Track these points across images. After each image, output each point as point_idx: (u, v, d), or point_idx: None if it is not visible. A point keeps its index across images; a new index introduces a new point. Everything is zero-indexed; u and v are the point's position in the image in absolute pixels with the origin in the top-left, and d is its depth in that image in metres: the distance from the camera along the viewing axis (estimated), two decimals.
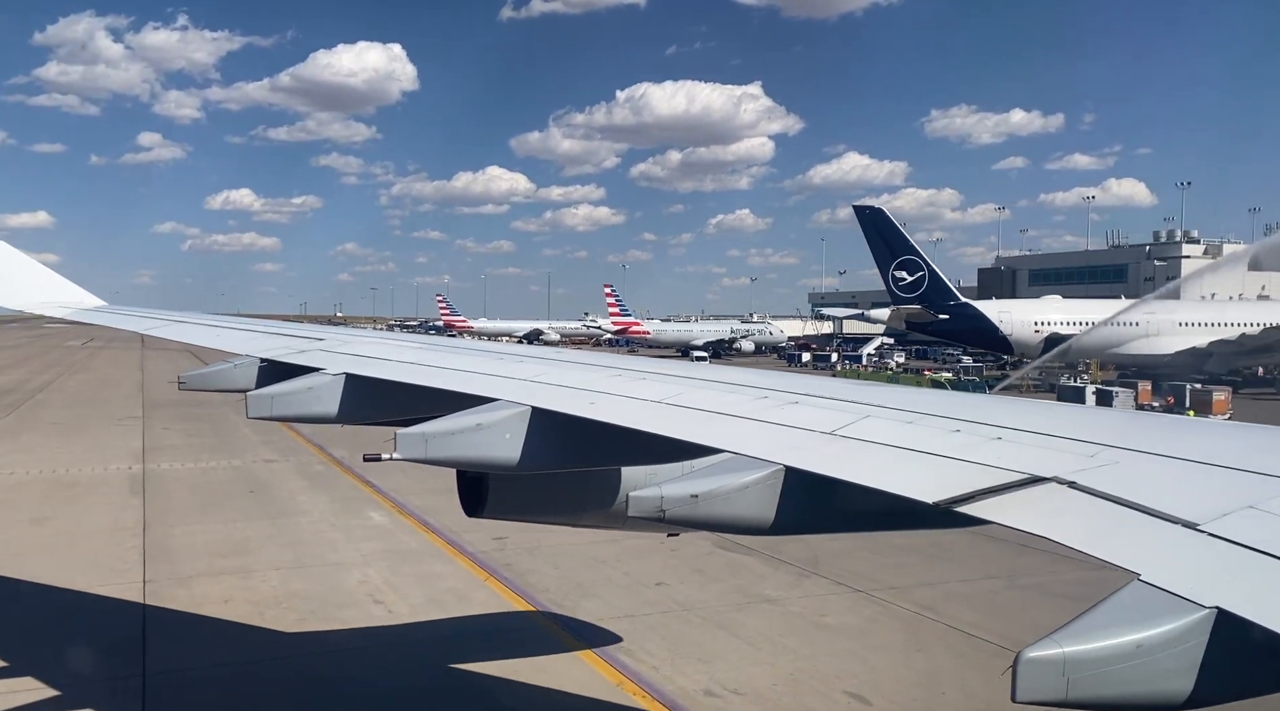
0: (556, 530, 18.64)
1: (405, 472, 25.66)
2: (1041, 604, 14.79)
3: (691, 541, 17.85)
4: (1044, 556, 17.34)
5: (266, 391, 5.63)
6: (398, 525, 19.54)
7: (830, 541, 18.11)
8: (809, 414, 4.16)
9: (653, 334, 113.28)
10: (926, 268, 62.32)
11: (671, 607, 14.36)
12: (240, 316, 11.81)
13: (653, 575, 15.92)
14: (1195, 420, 5.01)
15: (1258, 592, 2.37)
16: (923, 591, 15.36)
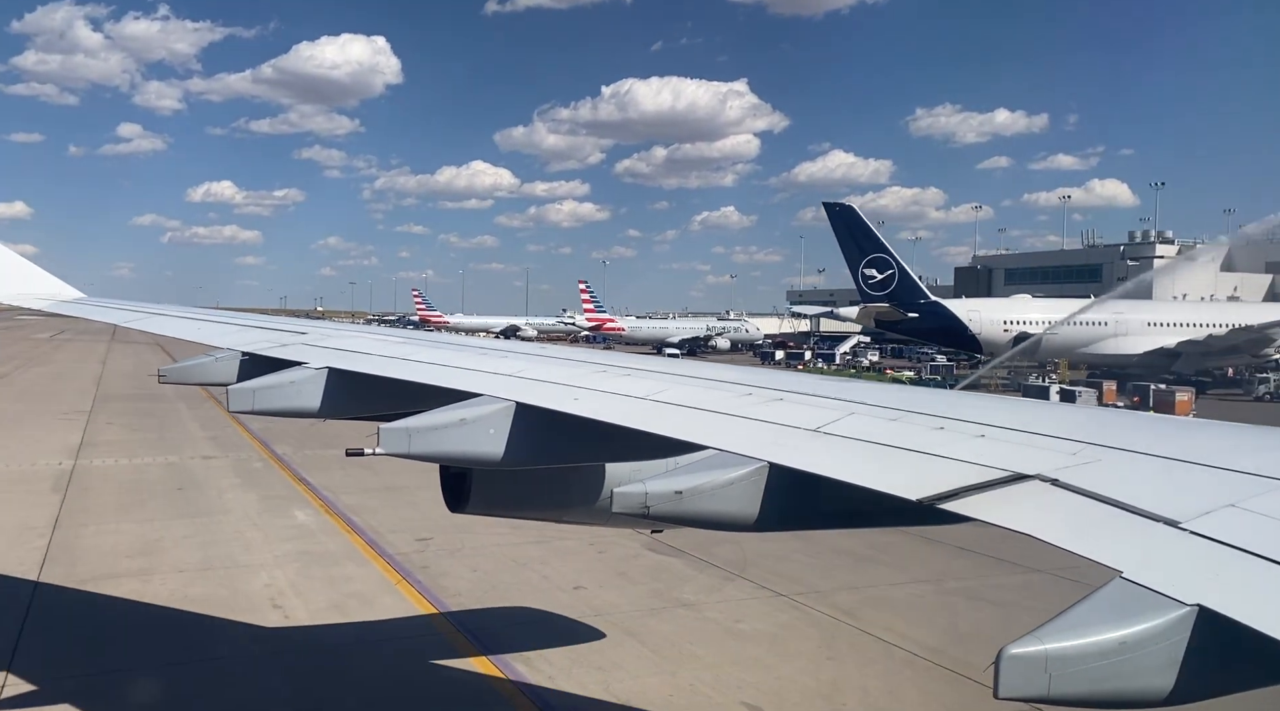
0: (485, 531, 18.28)
1: (344, 469, 25.09)
2: (965, 609, 14.51)
3: (620, 543, 17.52)
4: (978, 559, 17.06)
5: (248, 385, 5.55)
6: (321, 525, 18.94)
7: (764, 542, 17.80)
8: (793, 411, 4.17)
9: (627, 331, 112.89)
10: (896, 266, 62.18)
11: (584, 612, 13.93)
12: (220, 310, 11.66)
13: (572, 578, 15.49)
14: (1178, 419, 4.92)
15: (1238, 590, 2.38)
16: (847, 595, 15.02)
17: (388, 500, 21.28)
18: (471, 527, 18.64)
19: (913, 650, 12.51)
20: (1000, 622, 13.81)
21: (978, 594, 15.18)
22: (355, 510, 20.14)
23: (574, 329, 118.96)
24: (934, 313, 62.74)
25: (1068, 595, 12.82)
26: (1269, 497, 2.81)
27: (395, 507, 20.51)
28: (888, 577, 16.02)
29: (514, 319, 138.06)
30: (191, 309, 9.88)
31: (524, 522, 18.94)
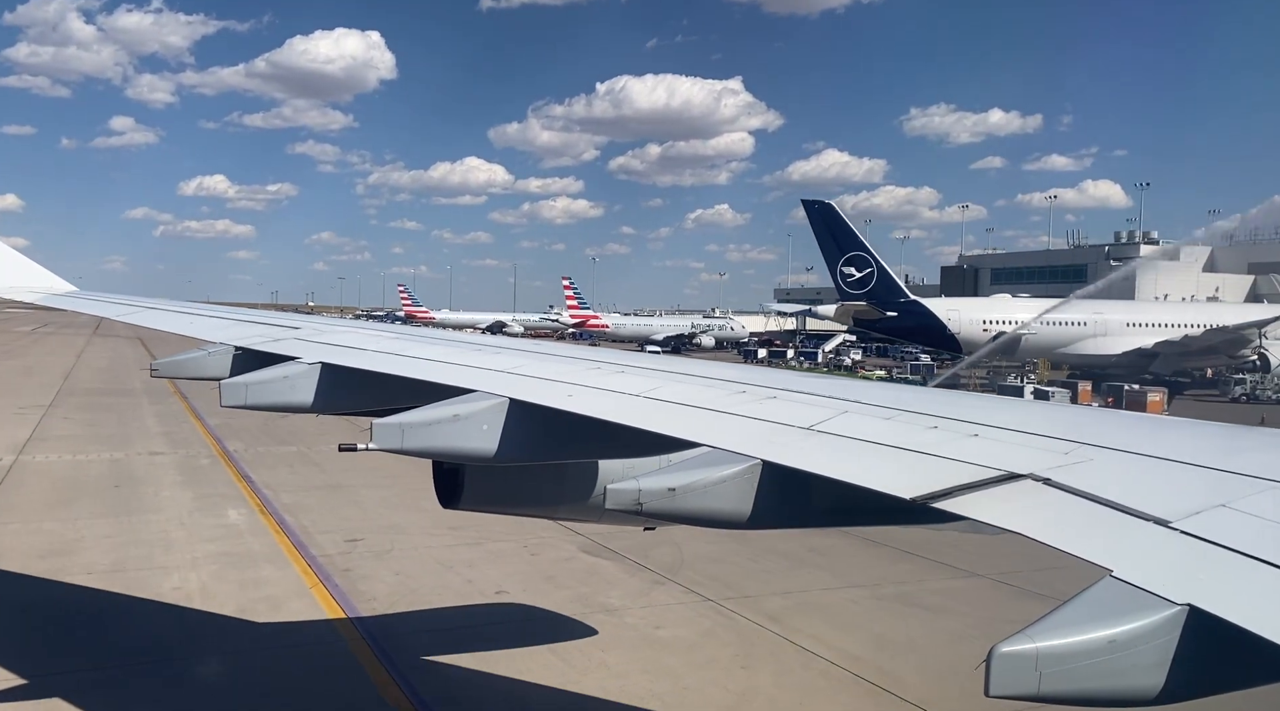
0: (419, 532, 17.83)
1: (291, 467, 24.67)
2: (895, 615, 14.09)
3: (554, 545, 17.09)
4: (920, 563, 16.68)
5: (241, 379, 5.51)
6: (252, 525, 18.20)
7: (704, 543, 17.38)
8: (787, 409, 4.15)
9: (611, 327, 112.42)
10: (875, 264, 61.65)
11: (500, 618, 13.49)
12: (211, 304, 11.45)
13: (497, 582, 14.92)
14: (1170, 419, 5.16)
15: (1228, 590, 2.38)
16: (777, 601, 14.54)
17: (328, 499, 20.81)
18: (406, 528, 18.23)
19: (833, 659, 12.08)
20: (928, 630, 13.42)
21: (912, 599, 14.78)
22: (291, 509, 19.54)
23: (558, 325, 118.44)
24: (912, 312, 62.19)
25: (1003, 601, 12.51)
26: (1259, 498, 2.81)
27: (334, 507, 20.02)
28: (823, 582, 15.59)
29: (500, 315, 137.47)
30: (184, 303, 9.75)
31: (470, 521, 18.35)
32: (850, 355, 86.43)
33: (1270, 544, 2.53)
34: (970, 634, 13.20)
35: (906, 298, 63.84)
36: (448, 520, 19.00)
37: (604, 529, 18.17)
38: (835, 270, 61.54)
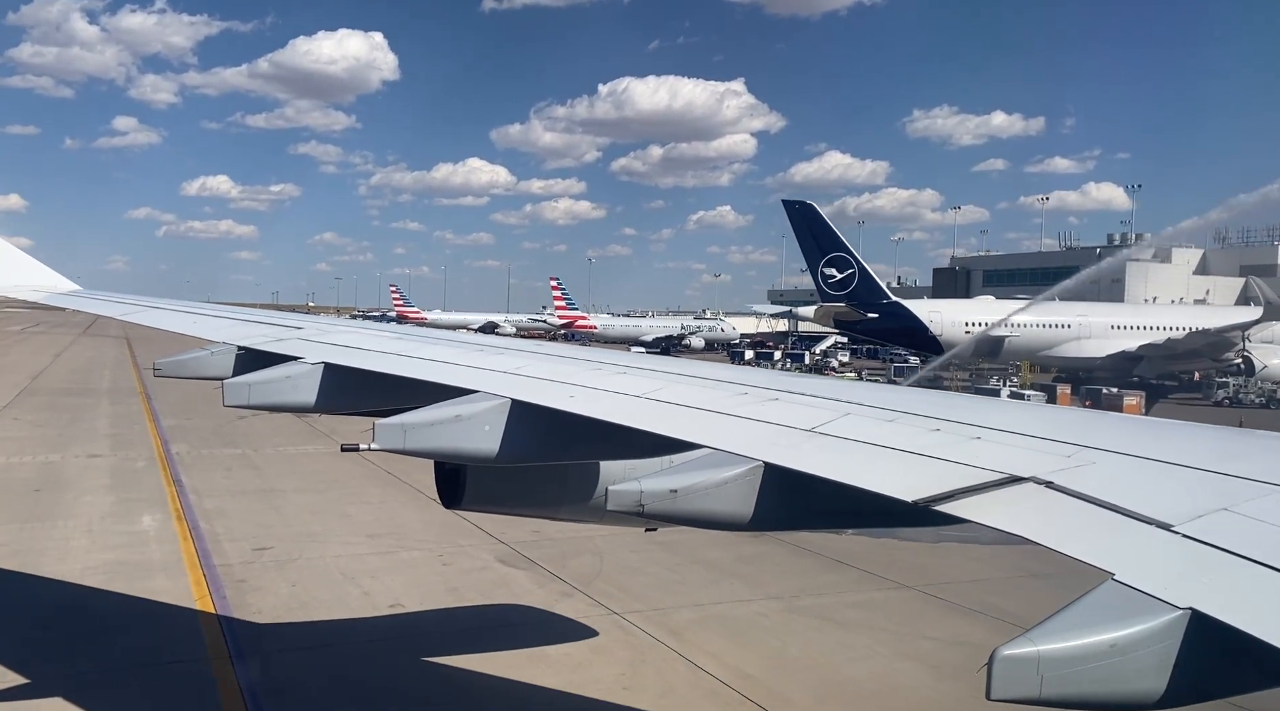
0: (333, 540, 17.22)
1: (228, 470, 24.11)
2: (803, 631, 13.39)
3: (471, 555, 16.50)
4: (850, 574, 16.03)
5: (244, 379, 5.49)
6: (162, 532, 17.27)
7: (629, 553, 16.78)
8: (789, 411, 4.12)
9: (600, 328, 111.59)
10: (856, 265, 60.85)
11: (387, 635, 12.82)
12: (211, 304, 11.32)
13: (397, 594, 14.16)
14: (1172, 422, 4.40)
15: (1230, 594, 2.36)
16: (685, 613, 13.84)
17: (254, 504, 20.18)
18: (322, 536, 17.63)
19: (724, 678, 11.40)
20: (833, 646, 12.76)
21: (828, 612, 14.10)
22: (211, 515, 18.78)
23: (547, 326, 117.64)
24: (894, 313, 61.24)
25: (925, 615, 11.60)
26: (1261, 502, 2.77)
27: (257, 513, 19.37)
28: (739, 594, 14.89)
29: (493, 315, 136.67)
30: (187, 302, 9.67)
31: None
32: (838, 357, 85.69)
33: (1272, 548, 2.50)
34: (877, 651, 12.58)
35: (888, 299, 63.05)
36: (368, 528, 18.41)
37: (526, 537, 17.58)
38: (816, 271, 60.76)
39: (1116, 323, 62.84)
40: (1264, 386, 54.57)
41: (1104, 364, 61.11)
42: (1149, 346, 59.03)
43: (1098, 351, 61.03)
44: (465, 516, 19.04)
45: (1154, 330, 60.39)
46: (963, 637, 13.17)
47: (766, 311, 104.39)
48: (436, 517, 19.44)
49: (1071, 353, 61.96)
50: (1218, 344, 56.60)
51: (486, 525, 18.40)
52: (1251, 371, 55.96)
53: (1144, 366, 60.16)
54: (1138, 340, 60.24)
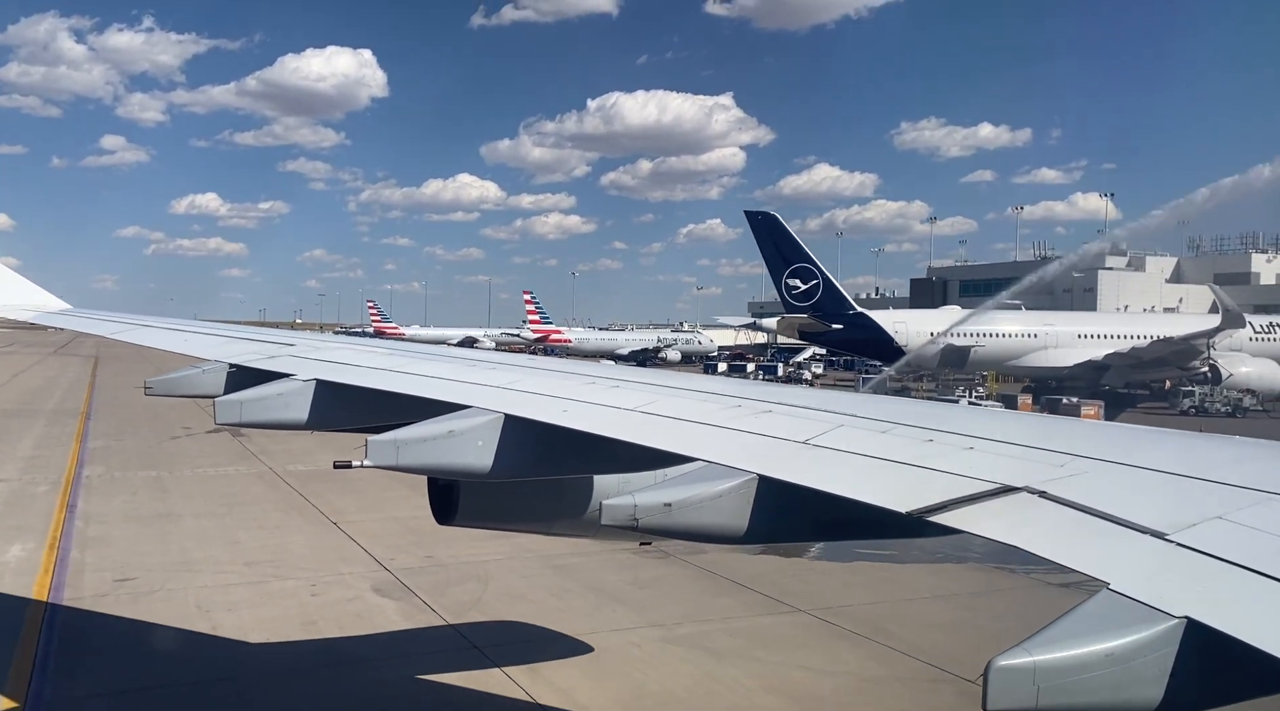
0: (207, 569, 16.35)
1: (134, 494, 23.26)
2: (673, 660, 12.54)
3: (347, 584, 15.70)
4: (748, 597, 15.19)
5: (236, 397, 5.46)
6: (25, 564, 16.06)
7: (516, 578, 15.99)
8: (782, 423, 4.09)
9: (575, 342, 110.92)
10: (821, 276, 60.03)
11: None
12: (199, 321, 11.16)
13: (248, 628, 13.14)
14: (1165, 431, 4.03)
15: (1226, 603, 2.35)
16: (553, 644, 13.10)
17: (142, 530, 19.22)
18: (198, 565, 16.75)
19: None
20: (698, 680, 11.94)
21: (704, 641, 13.25)
22: (89, 543, 17.70)
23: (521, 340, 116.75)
24: (859, 325, 60.05)
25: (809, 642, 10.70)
26: (1256, 510, 2.77)
27: (140, 539, 18.37)
28: (620, 621, 14.00)
29: (472, 330, 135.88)
30: (178, 320, 9.55)
31: None
32: (811, 369, 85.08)
33: (1267, 555, 2.49)
34: (743, 684, 11.79)
35: (853, 310, 62.47)
36: (252, 555, 17.54)
37: (415, 563, 16.77)
38: (780, 282, 60.02)
39: (1083, 331, 62.31)
40: (1229, 395, 54.15)
41: (1072, 373, 60.63)
42: (1115, 355, 58.50)
43: (1065, 360, 60.49)
44: (357, 542, 18.28)
45: (1120, 339, 59.91)
46: (839, 666, 12.44)
47: (733, 323, 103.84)
48: (329, 543, 18.70)
49: (1039, 362, 61.40)
50: (1183, 352, 56.11)
51: (378, 551, 17.64)
52: (1218, 379, 55.49)
53: (1111, 375, 59.62)
54: (1104, 349, 59.69)
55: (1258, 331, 62.35)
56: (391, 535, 18.97)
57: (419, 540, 18.59)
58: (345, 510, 21.39)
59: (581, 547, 17.70)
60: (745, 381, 6.47)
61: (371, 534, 19.06)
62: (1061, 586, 16.14)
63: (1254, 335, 61.63)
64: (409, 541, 18.42)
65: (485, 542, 17.74)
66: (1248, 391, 54.35)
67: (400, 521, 20.32)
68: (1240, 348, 59.34)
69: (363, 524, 20.02)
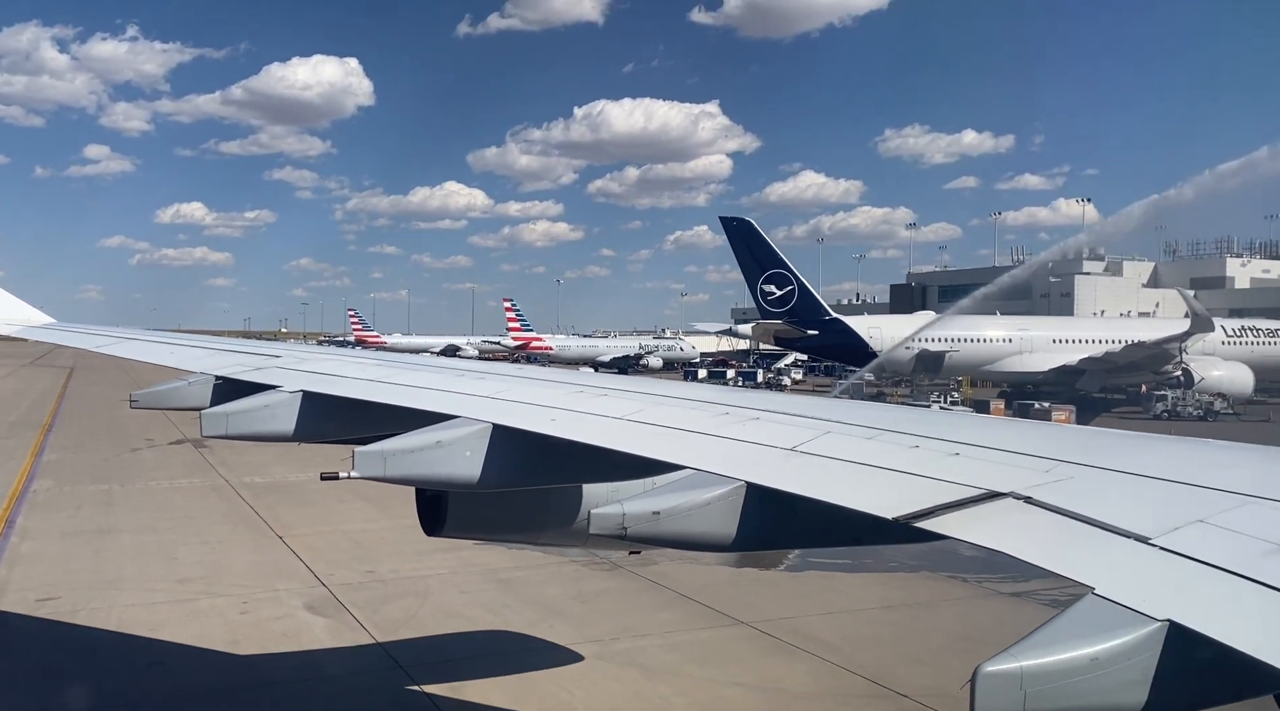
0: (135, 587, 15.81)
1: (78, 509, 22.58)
2: (603, 677, 12.03)
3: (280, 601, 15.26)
4: (687, 610, 14.77)
5: (222, 409, 5.43)
6: None
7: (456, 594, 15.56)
8: (770, 430, 4.08)
9: (556, 350, 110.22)
10: (796, 282, 59.76)
11: None
12: (183, 333, 11.06)
13: (161, 651, 12.76)
14: (1148, 435, 4.12)
15: (1208, 606, 2.37)
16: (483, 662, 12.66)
17: (79, 546, 18.65)
18: (126, 582, 16.23)
19: None
20: (626, 699, 11.50)
21: (639, 657, 12.78)
22: (19, 560, 17.08)
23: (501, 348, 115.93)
24: (835, 330, 59.88)
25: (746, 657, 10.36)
26: (1236, 513, 2.79)
27: (73, 556, 17.75)
28: (557, 636, 13.43)
29: (455, 338, 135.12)
30: (163, 333, 9.45)
31: None
32: (791, 375, 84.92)
33: (1247, 559, 2.51)
34: (671, 702, 11.41)
35: (829, 316, 62.27)
36: (187, 571, 16.96)
37: (355, 578, 16.33)
38: (755, 288, 59.65)
39: (1058, 336, 62.31)
40: (1201, 398, 54.14)
41: (1046, 378, 60.57)
42: (1089, 360, 58.47)
43: (1040, 365, 60.41)
44: (300, 556, 17.81)
45: (1095, 343, 59.88)
46: (774, 682, 12.08)
47: (709, 330, 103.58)
48: (271, 558, 18.22)
49: (1014, 367, 61.32)
50: (1156, 356, 56.14)
51: (319, 566, 17.19)
52: (1190, 383, 55.53)
53: (1086, 380, 59.59)
54: (1079, 354, 59.68)
55: (1230, 335, 62.57)
56: (336, 549, 18.54)
57: (363, 554, 18.18)
58: (294, 524, 20.93)
59: (528, 561, 17.36)
60: (731, 388, 6.44)
61: (316, 548, 18.59)
62: (1012, 596, 15.88)
63: (1226, 339, 61.85)
64: (353, 555, 18.02)
65: (430, 556, 17.34)
66: (1219, 395, 54.37)
67: (348, 535, 19.92)
68: (1213, 352, 59.49)
69: (309, 538, 19.54)
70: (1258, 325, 65.91)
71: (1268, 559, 2.51)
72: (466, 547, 18.33)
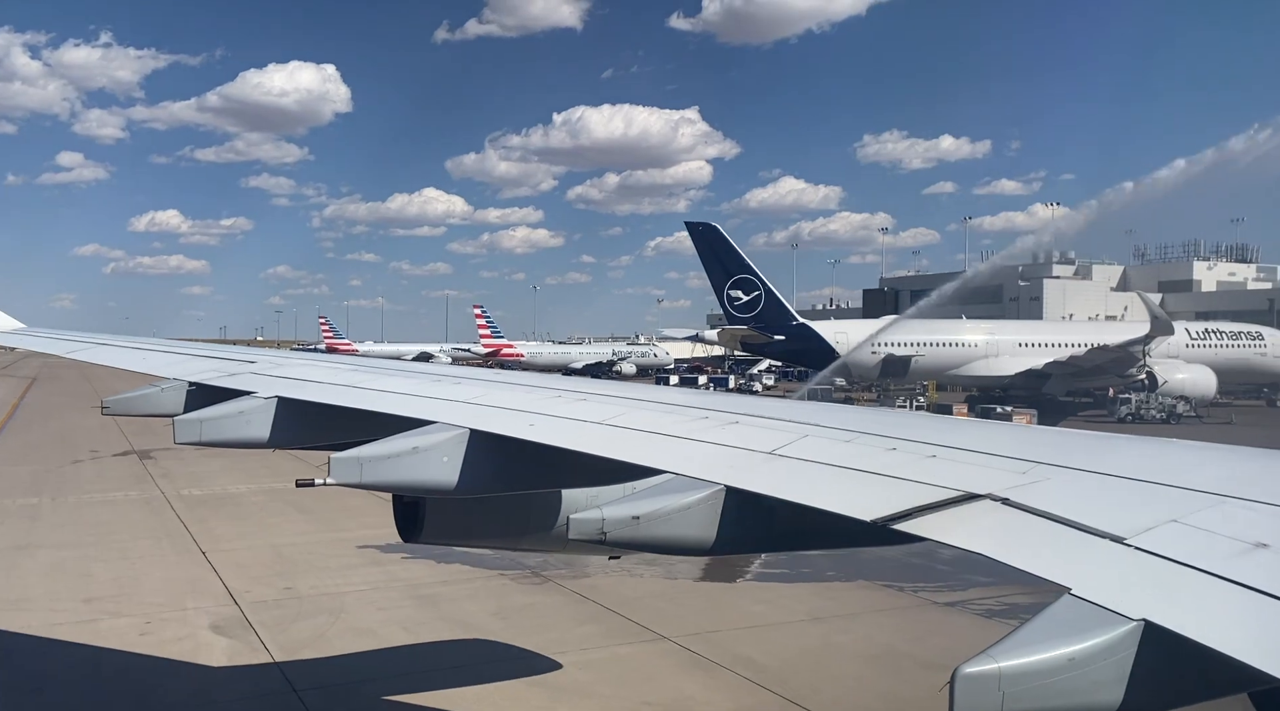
0: (32, 609, 15.23)
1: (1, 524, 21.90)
2: (505, 698, 11.73)
3: (184, 620, 14.68)
4: (609, 624, 14.38)
5: (195, 416, 5.37)
6: None
7: (372, 612, 15.08)
8: (749, 433, 4.11)
9: (527, 356, 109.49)
10: (763, 287, 59.34)
11: None
12: (158, 339, 10.61)
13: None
14: (1123, 436, 4.15)
15: (1182, 605, 2.39)
16: (383, 684, 12.15)
17: None
18: (28, 603, 15.42)
19: None
20: None
21: (545, 677, 12.42)
22: None
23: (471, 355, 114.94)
24: (801, 335, 59.76)
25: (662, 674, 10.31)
26: (1210, 513, 2.81)
27: None
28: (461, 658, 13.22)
29: (427, 346, 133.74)
30: (135, 339, 9.32)
31: None
32: (763, 381, 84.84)
33: (1220, 557, 2.54)
34: None
35: (796, 321, 62.05)
36: (98, 590, 16.23)
37: (272, 595, 15.78)
38: (722, 293, 59.39)
39: (1024, 340, 62.46)
40: (1164, 401, 54.29)
41: (1013, 381, 60.64)
42: (1054, 364, 58.62)
43: (1006, 369, 60.49)
44: (219, 572, 17.21)
45: (1060, 347, 60.05)
46: (685, 700, 11.64)
47: (676, 335, 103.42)
48: (187, 575, 17.64)
49: (980, 371, 61.35)
50: (1121, 359, 56.30)
51: (236, 583, 16.64)
52: (1155, 386, 55.76)
53: (1052, 383, 59.74)
54: (1045, 357, 59.84)
55: (1194, 338, 63.01)
56: (259, 564, 17.98)
57: (286, 569, 17.64)
58: (223, 538, 20.34)
59: (454, 575, 16.88)
60: (708, 393, 6.45)
61: (238, 563, 18.01)
62: (946, 606, 15.54)
63: (1190, 342, 62.29)
64: (275, 571, 17.43)
65: (356, 571, 16.86)
66: (1181, 398, 54.57)
67: (275, 548, 19.38)
68: (1177, 355, 59.85)
69: (235, 552, 18.96)
70: (1221, 328, 66.43)
71: (1241, 558, 2.54)
72: (393, 562, 17.86)
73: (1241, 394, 69.18)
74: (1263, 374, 65.09)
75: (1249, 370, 63.93)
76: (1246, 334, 64.77)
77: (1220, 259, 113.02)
